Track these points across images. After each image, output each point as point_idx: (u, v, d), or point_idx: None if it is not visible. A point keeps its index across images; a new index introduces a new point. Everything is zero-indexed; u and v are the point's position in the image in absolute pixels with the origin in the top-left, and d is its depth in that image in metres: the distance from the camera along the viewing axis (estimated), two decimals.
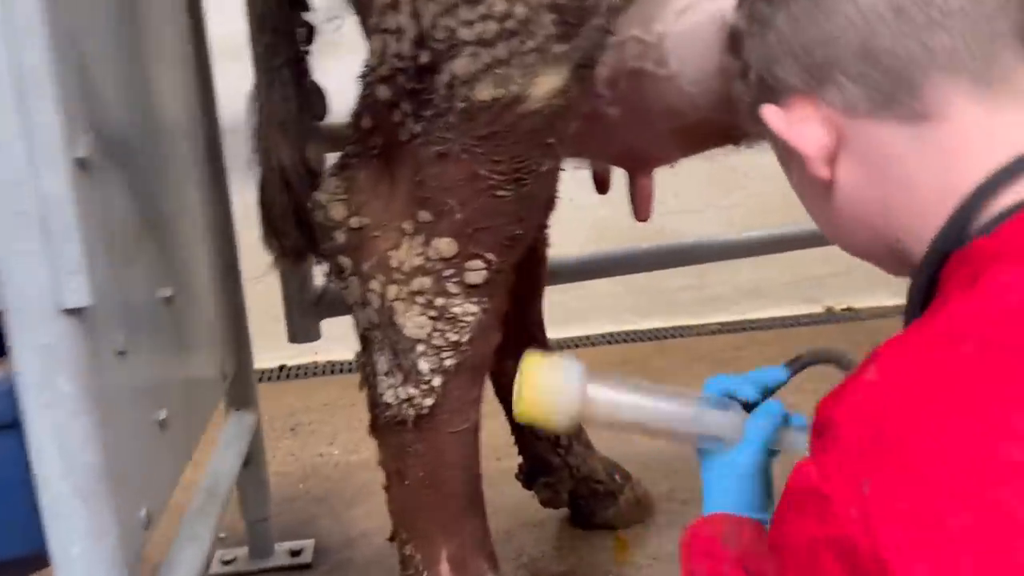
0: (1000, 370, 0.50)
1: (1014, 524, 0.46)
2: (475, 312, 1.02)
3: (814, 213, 0.74)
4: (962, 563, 0.46)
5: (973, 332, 0.52)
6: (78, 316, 0.73)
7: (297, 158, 1.10)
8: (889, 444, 0.51)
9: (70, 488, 0.75)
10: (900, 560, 0.47)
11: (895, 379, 0.54)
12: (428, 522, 1.10)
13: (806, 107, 0.66)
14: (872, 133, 0.63)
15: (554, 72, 0.91)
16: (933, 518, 0.47)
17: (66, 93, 0.68)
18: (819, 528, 0.52)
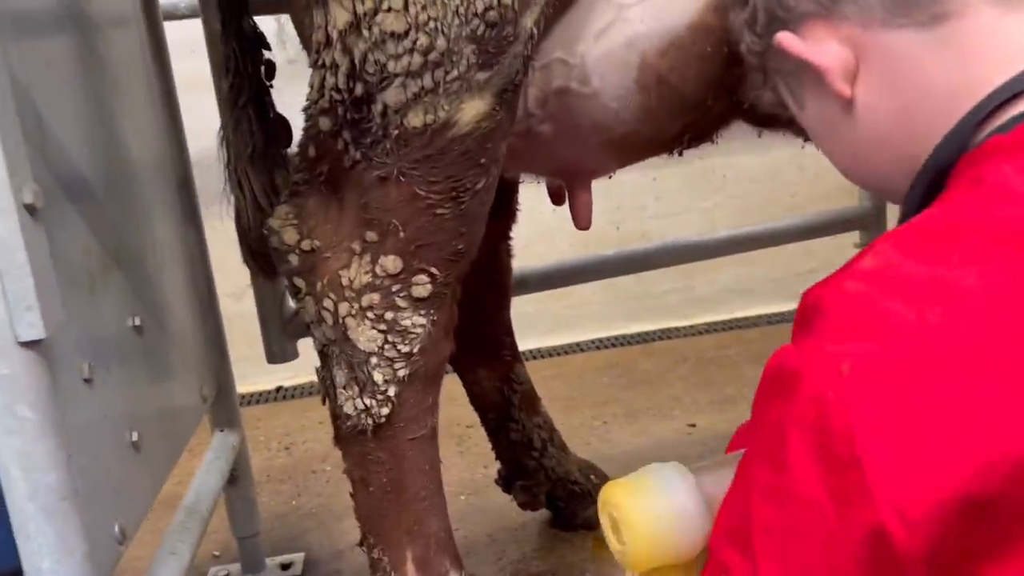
0: (995, 259, 0.49)
1: (989, 416, 0.45)
2: (423, 324, 1.07)
3: (832, 145, 0.73)
4: (932, 453, 0.45)
5: (973, 222, 0.51)
6: (35, 347, 0.79)
7: (267, 186, 1.16)
8: (875, 328, 0.50)
9: (36, 508, 0.81)
10: (872, 444, 0.46)
11: (887, 267, 0.53)
12: (393, 526, 1.15)
13: (822, 29, 0.66)
14: (890, 43, 0.63)
15: (479, 98, 0.97)
16: (911, 406, 0.47)
17: (9, 146, 0.74)
18: (789, 408, 0.51)
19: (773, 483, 0.51)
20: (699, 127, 1.11)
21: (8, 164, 0.74)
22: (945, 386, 0.46)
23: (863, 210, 2.05)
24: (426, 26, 0.93)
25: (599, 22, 1.02)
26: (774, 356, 0.55)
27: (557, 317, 3.04)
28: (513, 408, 1.65)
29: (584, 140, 1.12)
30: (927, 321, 0.48)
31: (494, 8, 0.94)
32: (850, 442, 0.47)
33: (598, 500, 0.74)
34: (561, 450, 1.69)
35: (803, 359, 0.51)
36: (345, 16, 0.95)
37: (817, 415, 0.49)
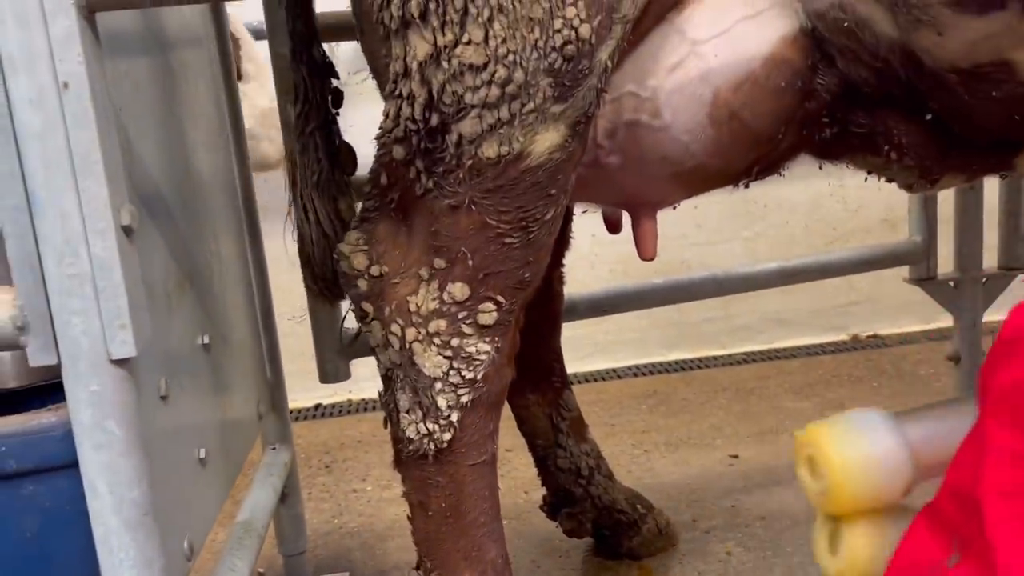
0: None
1: None
2: (488, 351, 1.08)
3: None
4: None
5: None
6: (125, 365, 0.82)
7: (331, 212, 1.19)
8: None
9: (120, 522, 0.83)
10: None
11: None
12: (450, 551, 1.16)
13: None
14: None
15: (553, 130, 0.99)
16: None
17: (111, 169, 0.77)
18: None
19: (1015, 445, 0.50)
20: (768, 160, 1.12)
21: (110, 186, 0.77)
22: None
23: (912, 244, 2.04)
24: (505, 59, 0.96)
25: (672, 56, 1.04)
26: (1013, 314, 0.52)
27: (595, 343, 3.04)
28: (561, 435, 1.65)
29: (652, 172, 1.13)
30: None
31: (572, 43, 0.96)
32: None
33: (796, 444, 0.72)
34: (608, 478, 1.69)
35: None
36: (425, 47, 0.97)
37: None
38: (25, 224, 0.76)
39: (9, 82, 0.72)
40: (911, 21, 0.95)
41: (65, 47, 0.72)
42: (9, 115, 0.73)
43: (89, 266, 0.77)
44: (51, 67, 0.72)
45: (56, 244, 0.76)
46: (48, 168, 0.74)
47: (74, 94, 0.73)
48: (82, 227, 0.77)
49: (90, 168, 0.75)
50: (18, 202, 0.75)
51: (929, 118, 1.08)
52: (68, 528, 0.89)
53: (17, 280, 0.78)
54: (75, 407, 0.81)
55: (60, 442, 0.87)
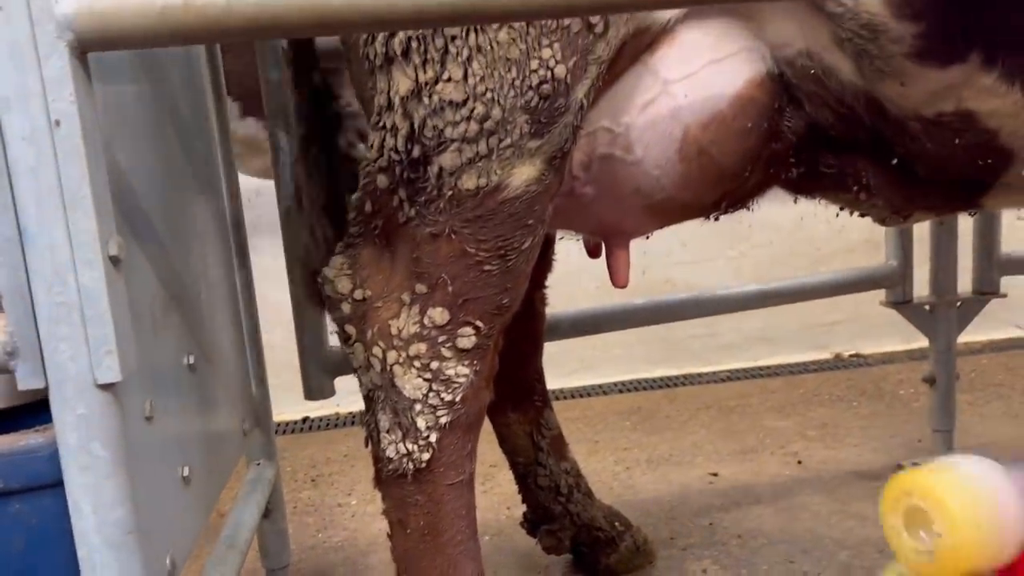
0: None
1: None
2: (467, 374, 1.12)
3: None
4: None
5: None
6: (110, 389, 0.85)
7: (336, 233, 1.22)
8: None
9: (102, 541, 0.85)
10: None
11: None
12: (427, 568, 1.19)
13: None
14: None
15: (529, 164, 1.03)
16: None
17: (99, 203, 0.80)
18: None
19: None
20: (736, 195, 1.16)
21: (98, 219, 0.80)
22: None
23: (889, 269, 2.09)
24: (483, 96, 0.99)
25: (645, 94, 1.08)
26: None
27: (580, 359, 3.07)
28: (542, 453, 1.68)
29: (625, 203, 1.17)
30: None
31: (548, 82, 0.99)
32: None
33: (889, 490, 0.63)
34: (587, 496, 1.72)
35: None
36: (407, 83, 1.01)
37: None
38: (16, 255, 0.78)
39: (3, 120, 0.75)
40: (875, 71, 0.99)
41: (58, 87, 0.75)
42: (3, 151, 0.76)
43: (77, 295, 0.80)
44: (44, 106, 0.75)
45: (45, 274, 0.79)
46: (39, 202, 0.77)
47: (65, 132, 0.76)
48: (71, 258, 0.79)
49: (79, 202, 0.78)
50: (10, 234, 0.78)
51: (895, 162, 1.12)
52: (53, 545, 0.91)
53: (8, 308, 0.80)
54: (61, 430, 0.83)
55: (47, 462, 0.90)
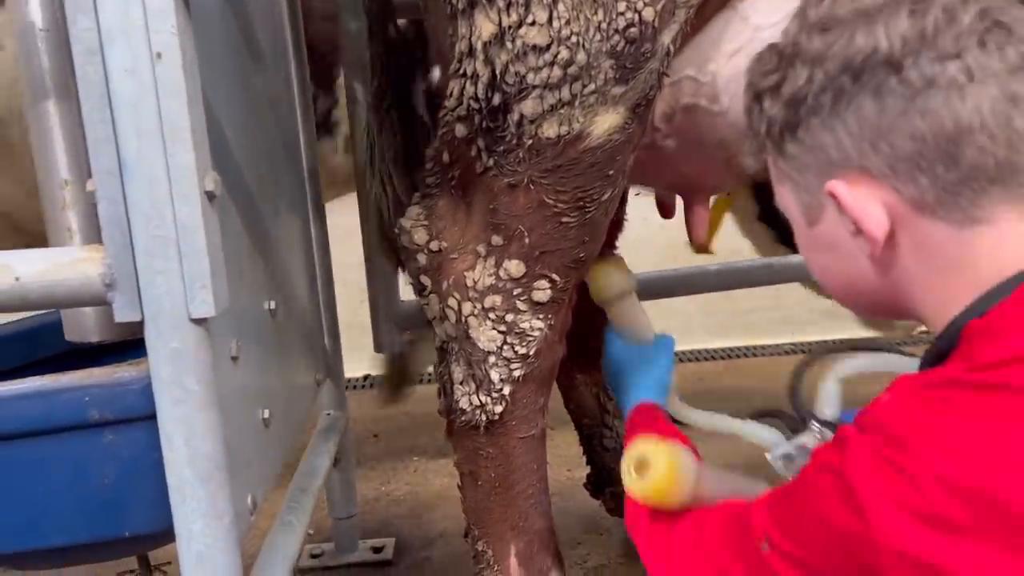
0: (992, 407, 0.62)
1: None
2: (541, 327, 1.12)
3: (820, 264, 0.80)
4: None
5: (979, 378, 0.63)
6: (203, 325, 0.87)
7: (409, 186, 1.22)
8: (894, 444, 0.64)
9: (193, 473, 0.88)
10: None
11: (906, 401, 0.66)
12: (499, 520, 1.20)
13: (871, 187, 0.70)
14: (925, 226, 0.69)
15: (613, 111, 1.01)
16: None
17: (197, 137, 0.82)
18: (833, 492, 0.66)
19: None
20: None
21: (196, 154, 0.81)
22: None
23: None
24: (568, 40, 0.98)
25: (734, 42, 1.05)
26: (825, 454, 0.72)
27: None
28: (608, 415, 1.67)
29: (708, 156, 1.14)
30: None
31: (635, 25, 0.97)
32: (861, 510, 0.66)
33: (629, 449, 0.94)
34: None
35: (844, 463, 0.68)
36: (490, 27, 1.00)
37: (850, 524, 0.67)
38: (116, 188, 0.80)
39: (106, 52, 0.77)
40: None
41: (160, 19, 0.76)
42: (105, 83, 0.78)
43: (174, 229, 0.82)
44: (146, 38, 0.76)
45: (144, 208, 0.81)
46: (140, 135, 0.78)
47: (167, 64, 0.77)
48: (169, 192, 0.81)
49: (178, 136, 0.80)
50: (111, 166, 0.80)
51: None
52: (143, 477, 0.94)
53: (106, 240, 0.83)
54: (156, 362, 0.86)
55: (139, 395, 0.92)
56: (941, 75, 0.66)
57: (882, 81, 0.67)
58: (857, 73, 0.68)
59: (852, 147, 0.70)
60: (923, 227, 0.69)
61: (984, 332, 0.66)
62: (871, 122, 0.68)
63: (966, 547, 0.59)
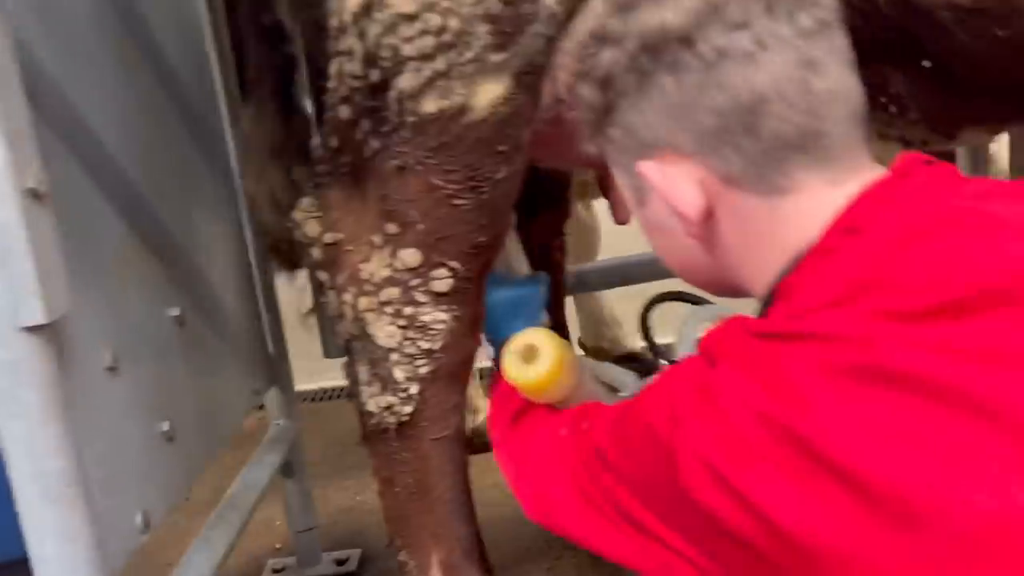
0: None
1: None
2: (445, 320, 1.03)
3: (658, 246, 0.79)
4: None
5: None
6: (40, 333, 0.80)
7: (286, 180, 1.15)
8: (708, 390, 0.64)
9: (39, 493, 0.82)
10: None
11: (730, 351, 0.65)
12: (418, 528, 1.12)
13: (682, 165, 0.69)
14: (737, 200, 0.68)
15: (495, 81, 0.92)
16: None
17: (12, 133, 0.75)
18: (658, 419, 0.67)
19: None
20: None
21: (10, 148, 0.75)
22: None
23: None
24: (438, 6, 0.90)
25: None
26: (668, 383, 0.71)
27: None
28: None
29: None
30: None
31: None
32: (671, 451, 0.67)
33: (514, 341, 0.93)
34: None
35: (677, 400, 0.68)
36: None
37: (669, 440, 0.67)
38: None
39: None
40: None
41: None
42: None
43: None
44: None
45: None
46: None
47: None
48: None
49: None
50: None
51: (927, 64, 0.97)
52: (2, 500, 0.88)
53: None
54: None
55: None
56: (732, 46, 0.65)
57: (677, 57, 0.67)
58: (654, 51, 0.68)
59: (659, 126, 0.69)
60: (736, 200, 0.69)
61: (786, 291, 0.67)
62: (673, 99, 0.68)
63: (761, 473, 0.59)
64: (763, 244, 0.69)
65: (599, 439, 0.74)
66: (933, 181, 0.67)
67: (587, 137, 0.77)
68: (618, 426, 0.73)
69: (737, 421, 0.60)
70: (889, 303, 0.59)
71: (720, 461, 0.60)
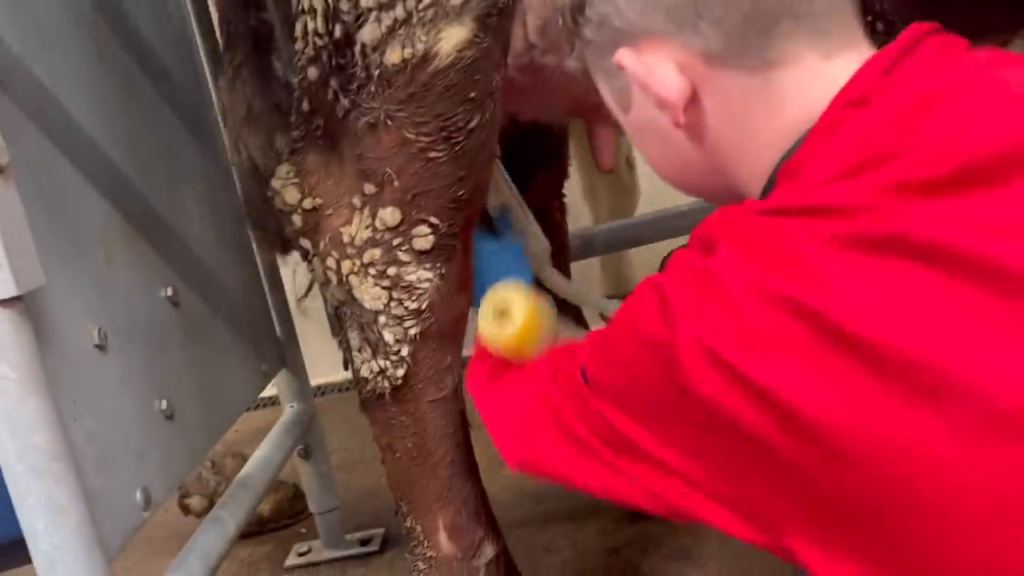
0: None
1: None
2: (430, 278, 1.01)
3: (652, 151, 0.74)
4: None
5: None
6: (14, 306, 0.80)
7: (266, 149, 1.14)
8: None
9: (25, 468, 0.82)
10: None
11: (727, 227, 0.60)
12: (422, 493, 1.11)
13: (661, 50, 0.65)
14: (723, 80, 0.64)
15: (457, 25, 0.90)
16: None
17: None
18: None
19: None
20: None
21: None
22: None
23: None
24: None
25: None
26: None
27: None
28: None
29: None
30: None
31: None
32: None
33: (487, 299, 0.91)
34: None
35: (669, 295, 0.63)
36: None
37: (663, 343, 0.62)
38: None
39: None
40: None
41: None
42: None
43: None
44: None
45: None
46: None
47: None
48: None
49: None
50: None
51: None
52: None
53: None
54: None
55: None
56: None
57: None
58: None
59: (631, 10, 0.66)
60: (721, 81, 0.64)
61: (790, 172, 0.61)
62: None
63: (774, 355, 0.53)
64: (758, 127, 0.64)
65: (585, 362, 0.69)
66: (942, 49, 0.62)
67: (569, 52, 0.77)
68: (604, 344, 0.68)
69: (743, 302, 0.55)
70: (904, 173, 0.54)
71: (727, 349, 0.55)
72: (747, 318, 0.54)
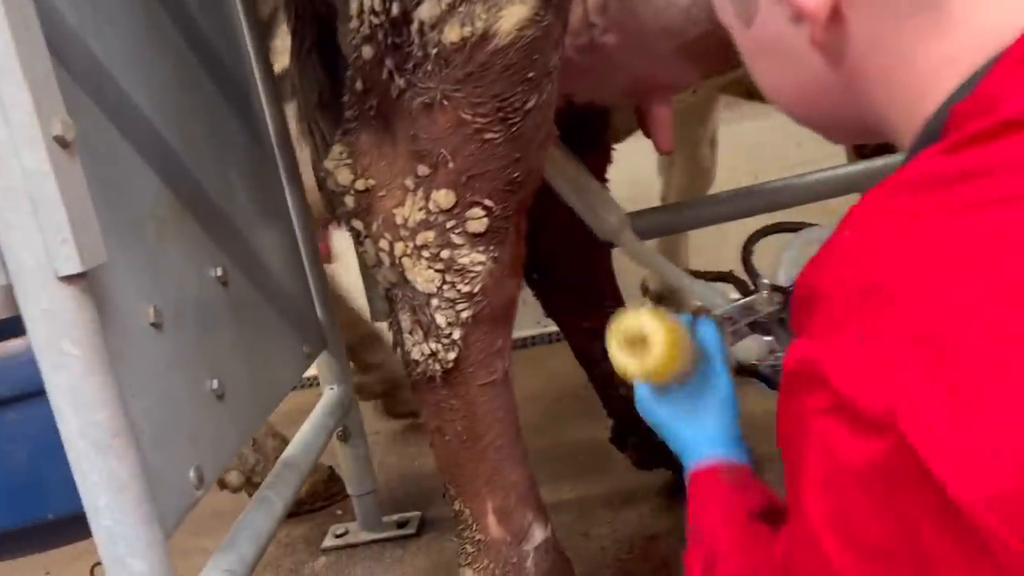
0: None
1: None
2: (483, 261, 1.01)
3: (768, 75, 0.62)
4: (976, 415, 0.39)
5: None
6: (78, 283, 0.80)
7: (334, 131, 1.13)
8: (884, 295, 0.45)
9: (88, 445, 0.82)
10: (913, 413, 0.40)
11: (876, 229, 0.48)
12: (472, 476, 1.10)
13: None
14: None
15: (519, 3, 0.89)
16: (947, 372, 0.40)
17: (34, 77, 0.75)
18: (810, 400, 0.46)
19: None
20: None
21: (33, 96, 0.75)
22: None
23: None
24: None
25: None
26: (787, 358, 0.51)
27: None
28: None
29: (654, 47, 1.00)
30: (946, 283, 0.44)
31: None
32: (888, 414, 0.43)
33: (613, 324, 0.84)
34: None
35: (814, 345, 0.50)
36: None
37: (840, 399, 0.47)
38: None
39: None
40: None
41: None
42: None
43: (22, 179, 0.76)
44: None
45: None
46: None
47: None
48: (9, 138, 0.75)
49: (8, 75, 0.73)
50: None
51: None
52: (56, 454, 0.89)
53: None
54: (31, 327, 0.80)
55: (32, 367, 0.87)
56: None
57: None
58: None
59: None
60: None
61: (971, 111, 0.47)
62: None
63: None
64: (918, 52, 0.51)
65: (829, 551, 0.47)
66: None
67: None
68: (838, 516, 0.47)
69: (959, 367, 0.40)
70: None
71: None
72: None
